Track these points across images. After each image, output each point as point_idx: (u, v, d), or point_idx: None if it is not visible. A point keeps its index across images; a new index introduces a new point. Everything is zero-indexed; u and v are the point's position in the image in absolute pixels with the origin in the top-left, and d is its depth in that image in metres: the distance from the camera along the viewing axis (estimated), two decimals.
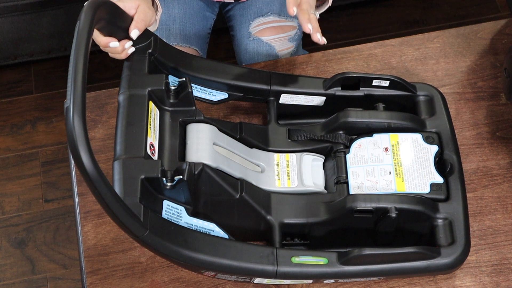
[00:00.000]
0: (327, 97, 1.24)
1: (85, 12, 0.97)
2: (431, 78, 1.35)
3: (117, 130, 1.07)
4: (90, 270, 1.18)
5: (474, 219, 1.20)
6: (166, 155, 1.09)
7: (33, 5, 2.01)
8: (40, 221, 1.99)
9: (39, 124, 2.15)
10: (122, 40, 1.12)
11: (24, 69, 2.24)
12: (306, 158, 1.19)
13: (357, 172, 1.15)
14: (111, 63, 2.23)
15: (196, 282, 1.16)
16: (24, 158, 2.09)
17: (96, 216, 1.22)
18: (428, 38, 1.41)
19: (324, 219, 1.12)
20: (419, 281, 1.14)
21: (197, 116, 1.15)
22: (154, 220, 1.02)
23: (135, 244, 1.20)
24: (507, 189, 1.23)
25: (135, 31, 1.12)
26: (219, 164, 1.10)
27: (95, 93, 1.36)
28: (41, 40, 2.12)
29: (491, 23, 1.43)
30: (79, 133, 0.88)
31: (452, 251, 1.10)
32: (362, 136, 1.19)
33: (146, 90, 1.11)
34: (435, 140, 1.19)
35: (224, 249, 1.06)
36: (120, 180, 1.02)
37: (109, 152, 1.28)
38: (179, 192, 1.06)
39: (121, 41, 1.12)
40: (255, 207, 1.11)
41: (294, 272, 1.08)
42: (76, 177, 1.26)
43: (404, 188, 1.13)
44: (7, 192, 2.04)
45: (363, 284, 1.15)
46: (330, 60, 1.38)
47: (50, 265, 1.92)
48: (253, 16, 1.53)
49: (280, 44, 1.52)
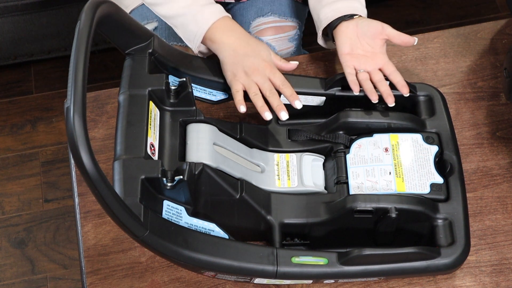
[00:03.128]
0: (327, 97, 1.24)
1: (85, 12, 0.97)
2: (431, 78, 1.35)
3: (117, 130, 1.07)
4: (90, 270, 1.18)
5: (474, 219, 1.20)
6: (166, 155, 1.09)
7: (33, 5, 2.01)
8: (40, 221, 1.99)
9: (39, 124, 2.15)
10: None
11: (24, 69, 2.24)
12: (306, 158, 1.19)
13: (357, 172, 1.15)
14: (111, 63, 2.23)
15: (196, 282, 1.16)
16: (24, 158, 2.09)
17: (96, 216, 1.22)
18: (428, 38, 1.41)
19: (324, 219, 1.12)
20: (419, 281, 1.14)
21: (197, 116, 1.15)
22: (154, 220, 1.02)
23: (135, 244, 1.20)
24: (507, 189, 1.23)
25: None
26: (219, 164, 1.10)
27: (95, 93, 1.36)
28: (41, 40, 2.12)
29: (491, 23, 1.43)
30: (80, 133, 0.88)
31: (452, 251, 1.10)
32: (362, 136, 1.19)
33: (147, 90, 1.11)
34: (435, 140, 1.19)
35: (224, 249, 1.06)
36: (120, 180, 1.02)
37: (109, 152, 1.28)
38: (179, 192, 1.06)
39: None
40: (255, 207, 1.11)
41: (294, 272, 1.08)
42: (76, 177, 1.26)
43: (404, 188, 1.13)
44: (7, 192, 2.04)
45: (363, 284, 1.15)
46: (330, 60, 1.38)
47: (50, 265, 1.92)
48: (253, 16, 1.53)
49: (280, 44, 1.52)
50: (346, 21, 1.24)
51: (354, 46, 1.23)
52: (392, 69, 1.22)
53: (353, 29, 1.24)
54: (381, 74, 1.22)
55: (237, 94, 1.20)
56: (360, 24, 1.24)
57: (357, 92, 1.20)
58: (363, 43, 1.23)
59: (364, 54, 1.23)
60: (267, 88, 1.20)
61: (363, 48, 1.24)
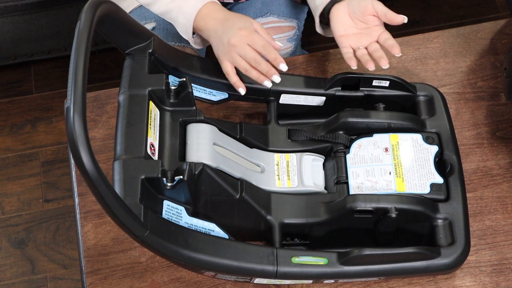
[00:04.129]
0: (327, 97, 1.24)
1: (85, 12, 0.97)
2: (431, 78, 1.35)
3: (117, 130, 1.07)
4: (90, 270, 1.18)
5: (474, 219, 1.20)
6: (166, 155, 1.09)
7: (33, 5, 2.01)
8: (40, 221, 1.99)
9: (39, 124, 2.15)
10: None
11: (24, 69, 2.24)
12: (306, 158, 1.19)
13: (357, 172, 1.15)
14: (111, 63, 2.23)
15: (196, 282, 1.16)
16: (24, 158, 2.09)
17: (96, 216, 1.22)
18: (428, 38, 1.41)
19: (324, 219, 1.12)
20: (419, 281, 1.14)
21: (197, 116, 1.15)
22: (154, 220, 1.02)
23: (135, 244, 1.20)
24: (507, 189, 1.23)
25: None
26: (219, 164, 1.10)
27: (95, 93, 1.36)
28: (41, 40, 2.12)
29: (491, 23, 1.43)
30: (80, 133, 0.88)
31: (452, 251, 1.10)
32: (362, 136, 1.19)
33: (146, 90, 1.11)
34: (435, 140, 1.19)
35: (224, 249, 1.06)
36: (120, 180, 1.02)
37: (109, 152, 1.28)
38: (179, 192, 1.06)
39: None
40: (255, 207, 1.11)
41: (294, 272, 1.08)
42: (76, 177, 1.26)
43: (404, 188, 1.13)
44: (7, 192, 2.04)
45: (363, 284, 1.15)
46: (330, 60, 1.38)
47: (50, 265, 1.92)
48: (252, 16, 1.53)
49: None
50: (338, 3, 1.24)
51: (348, 26, 1.23)
52: (386, 36, 1.21)
53: (343, 10, 1.23)
54: (377, 45, 1.22)
55: (228, 76, 1.19)
56: (351, 3, 1.23)
57: (354, 67, 1.19)
58: (356, 21, 1.23)
59: (359, 32, 1.23)
60: (251, 58, 1.17)
61: (357, 26, 1.23)
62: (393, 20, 1.21)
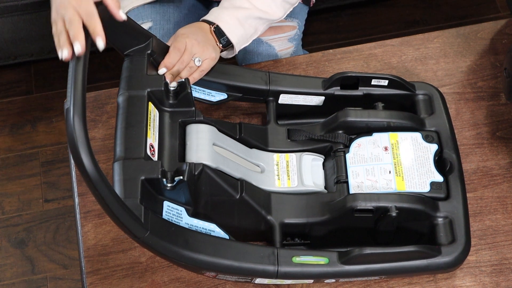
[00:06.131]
0: (326, 96, 1.25)
1: None
2: (431, 78, 1.35)
3: (117, 131, 1.07)
4: (90, 270, 1.18)
5: (474, 219, 1.20)
6: (166, 156, 1.09)
7: (33, 5, 2.01)
8: (40, 221, 1.99)
9: (39, 124, 2.15)
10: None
11: (24, 69, 2.24)
12: (306, 158, 1.19)
13: (357, 171, 1.15)
14: (111, 63, 2.23)
15: (196, 282, 1.16)
16: (24, 158, 2.09)
17: (96, 216, 1.22)
18: (428, 38, 1.41)
19: (324, 218, 1.12)
20: (419, 281, 1.14)
21: (196, 116, 1.15)
22: (154, 221, 1.02)
23: (135, 244, 1.20)
24: (507, 189, 1.23)
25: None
26: (219, 165, 1.10)
27: (95, 93, 1.36)
28: (41, 40, 2.12)
29: (491, 23, 1.43)
30: (80, 134, 0.88)
31: (452, 250, 1.10)
32: (362, 136, 1.19)
33: (146, 91, 1.11)
34: (435, 138, 1.19)
35: (224, 250, 1.06)
36: (120, 181, 1.02)
37: (109, 152, 1.28)
38: (179, 193, 1.06)
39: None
40: (255, 207, 1.11)
41: (295, 272, 1.08)
42: (76, 177, 1.26)
43: (404, 187, 1.13)
44: (7, 192, 2.04)
45: (364, 283, 1.15)
46: (330, 60, 1.38)
47: (50, 265, 1.92)
48: None
49: (280, 44, 1.52)
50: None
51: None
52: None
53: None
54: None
55: (54, 36, 1.03)
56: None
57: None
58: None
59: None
60: (67, 20, 1.00)
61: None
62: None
